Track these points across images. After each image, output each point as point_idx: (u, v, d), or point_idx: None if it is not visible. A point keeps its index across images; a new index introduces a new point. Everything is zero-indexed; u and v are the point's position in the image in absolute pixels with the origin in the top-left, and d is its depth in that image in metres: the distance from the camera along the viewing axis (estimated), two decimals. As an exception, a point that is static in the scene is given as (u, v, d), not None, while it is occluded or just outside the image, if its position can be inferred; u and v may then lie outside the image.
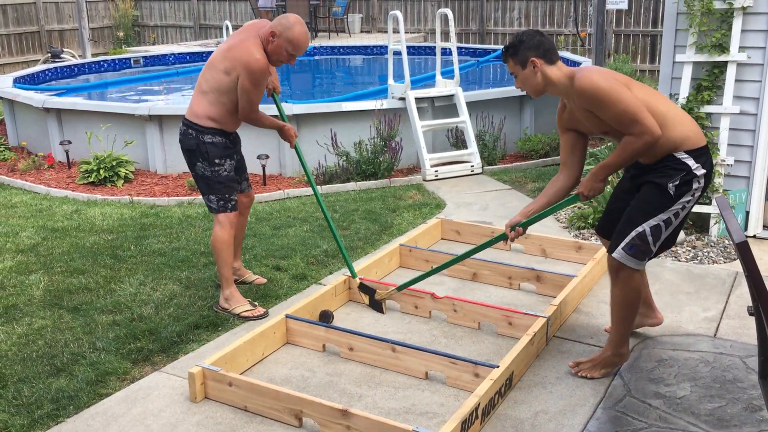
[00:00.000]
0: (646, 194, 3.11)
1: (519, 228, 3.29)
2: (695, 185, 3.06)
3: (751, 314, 2.46)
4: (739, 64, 4.81)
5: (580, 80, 2.99)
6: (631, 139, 2.96)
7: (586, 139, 3.31)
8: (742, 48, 4.79)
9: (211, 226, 5.34)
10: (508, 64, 3.17)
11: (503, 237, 3.40)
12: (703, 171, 3.05)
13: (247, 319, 3.87)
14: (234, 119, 3.84)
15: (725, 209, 2.41)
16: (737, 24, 4.75)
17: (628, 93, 2.96)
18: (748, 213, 4.97)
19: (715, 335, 3.69)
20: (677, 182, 3.03)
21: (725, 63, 4.84)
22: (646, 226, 3.06)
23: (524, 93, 7.55)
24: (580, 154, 3.29)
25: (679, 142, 3.04)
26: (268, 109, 4.49)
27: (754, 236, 5.00)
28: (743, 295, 4.11)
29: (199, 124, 3.77)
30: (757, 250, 4.79)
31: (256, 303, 4.00)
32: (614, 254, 3.12)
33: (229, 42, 3.80)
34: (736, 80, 4.83)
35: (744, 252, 2.10)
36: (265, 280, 4.36)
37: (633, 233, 3.07)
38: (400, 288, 3.89)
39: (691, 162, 3.04)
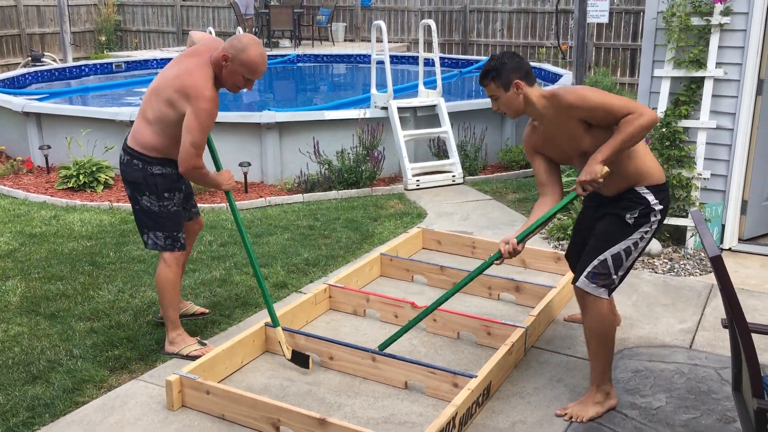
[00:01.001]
0: (607, 225, 3.15)
1: (513, 240, 3.18)
2: (653, 218, 3.11)
3: (725, 327, 2.51)
4: (716, 80, 4.90)
5: (566, 94, 3.01)
6: (632, 117, 2.90)
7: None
8: (719, 64, 4.87)
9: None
10: (488, 87, 3.12)
11: (497, 256, 3.25)
12: (660, 207, 3.11)
13: (193, 358, 3.50)
14: (178, 144, 3.37)
15: (700, 223, 2.45)
16: (714, 40, 4.83)
17: (611, 94, 3.04)
18: (723, 226, 5.05)
19: (690, 347, 3.74)
20: (636, 214, 3.09)
21: (702, 78, 4.92)
22: (607, 254, 3.08)
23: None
24: (557, 172, 3.30)
25: (645, 175, 3.10)
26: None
27: (730, 249, 5.08)
28: (718, 307, 4.16)
29: (145, 155, 3.39)
30: (732, 263, 4.86)
31: (205, 342, 3.67)
32: (578, 283, 3.12)
33: (177, 66, 3.39)
34: (713, 95, 4.91)
35: (717, 266, 2.14)
36: (208, 311, 4.01)
37: (595, 261, 3.09)
38: (383, 346, 3.48)
39: (650, 197, 3.10)
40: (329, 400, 3.24)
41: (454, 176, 6.89)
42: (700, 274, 4.67)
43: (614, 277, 3.09)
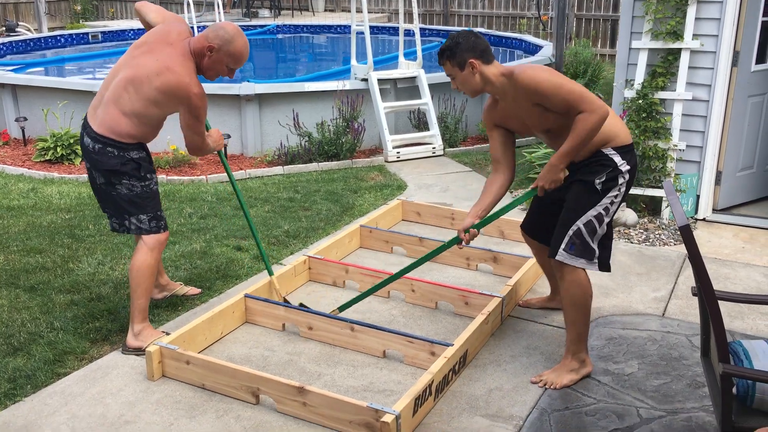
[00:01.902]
0: (575, 193, 3.16)
1: (473, 230, 3.26)
2: (621, 180, 3.13)
3: (694, 295, 2.58)
4: (693, 52, 4.94)
5: (521, 77, 3.01)
6: (584, 116, 2.94)
7: (514, 135, 3.35)
8: (695, 36, 4.91)
9: (171, 206, 5.31)
10: (445, 67, 3.15)
11: (456, 240, 3.34)
12: (627, 167, 3.13)
13: None
14: (156, 132, 3.42)
15: (671, 193, 2.50)
16: (691, 12, 4.86)
17: (567, 78, 3.04)
18: (698, 197, 5.13)
19: (663, 314, 3.83)
20: (603, 178, 3.10)
21: (679, 50, 4.96)
22: (579, 224, 3.11)
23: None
24: (512, 149, 3.33)
25: (611, 137, 3.12)
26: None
27: (704, 219, 5.17)
28: (691, 276, 4.24)
29: (121, 142, 3.27)
30: (706, 233, 4.95)
31: (169, 333, 3.45)
32: (557, 257, 3.14)
33: (153, 56, 3.24)
34: (690, 67, 4.95)
35: (686, 235, 2.20)
36: (198, 291, 3.97)
37: (570, 232, 3.12)
38: (342, 308, 3.66)
39: (617, 158, 3.11)
40: (309, 370, 3.29)
41: (434, 148, 6.92)
42: (675, 244, 4.75)
43: (592, 245, 3.12)
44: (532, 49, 9.83)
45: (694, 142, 5.06)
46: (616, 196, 3.14)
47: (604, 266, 3.20)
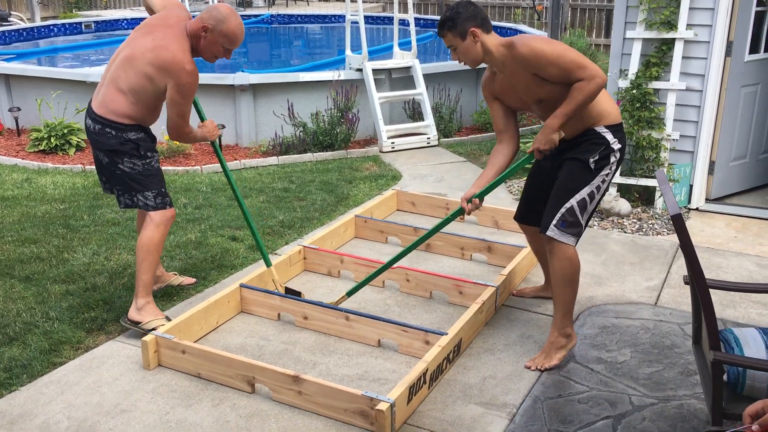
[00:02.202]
0: (569, 171, 3.20)
1: (475, 199, 3.27)
2: (612, 159, 3.19)
3: (686, 283, 2.60)
4: (687, 42, 4.95)
5: (521, 47, 3.03)
6: (582, 84, 2.96)
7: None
8: (689, 26, 4.92)
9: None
10: (445, 38, 3.14)
11: (460, 212, 3.35)
12: (619, 146, 3.19)
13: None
14: (154, 115, 3.47)
15: (663, 183, 2.52)
16: (685, 2, 4.86)
17: (566, 46, 3.05)
18: (692, 186, 5.15)
19: (656, 303, 3.86)
20: (596, 157, 3.15)
21: (673, 40, 4.97)
22: (573, 201, 3.16)
23: (483, 67, 7.65)
24: (514, 119, 3.35)
25: (604, 115, 3.16)
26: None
27: (697, 209, 5.19)
28: (684, 265, 4.27)
29: (119, 122, 3.34)
30: (699, 222, 4.98)
31: (171, 319, 3.49)
32: (548, 232, 3.19)
33: (150, 36, 3.32)
34: (683, 57, 4.97)
35: (678, 224, 2.21)
36: (193, 280, 3.98)
37: (562, 209, 3.16)
38: (350, 293, 3.69)
39: (609, 136, 3.16)
40: (304, 359, 3.31)
41: (428, 138, 6.92)
42: (668, 234, 4.78)
43: (582, 222, 3.20)
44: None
45: (687, 132, 5.08)
46: (607, 175, 3.20)
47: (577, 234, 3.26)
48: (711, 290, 2.32)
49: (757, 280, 4.14)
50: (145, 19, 3.49)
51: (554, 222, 3.18)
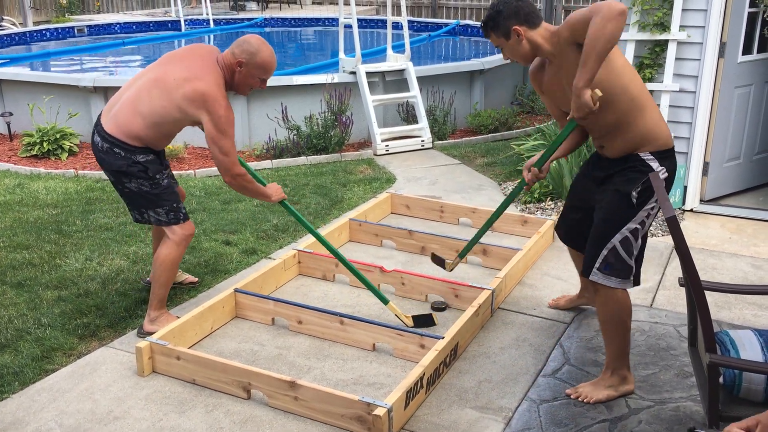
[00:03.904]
0: (609, 206, 2.94)
1: (534, 168, 3.12)
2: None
3: (681, 285, 2.59)
4: (680, 43, 4.95)
5: (560, 28, 2.87)
6: (594, 18, 2.63)
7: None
8: (682, 27, 4.93)
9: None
10: (490, 39, 2.99)
11: (523, 184, 3.22)
12: (665, 175, 2.90)
13: None
14: (166, 141, 3.43)
15: (657, 185, 2.51)
16: (678, 3, 4.87)
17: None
18: (686, 188, 5.15)
19: (651, 305, 3.85)
20: (639, 189, 2.87)
21: (666, 41, 4.98)
22: (615, 242, 2.89)
23: (476, 69, 7.67)
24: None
25: (650, 139, 2.89)
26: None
27: (692, 210, 5.19)
28: (679, 266, 4.27)
29: (128, 144, 3.29)
30: (694, 223, 4.98)
31: None
32: (591, 277, 2.95)
33: (183, 64, 3.31)
34: (677, 58, 4.97)
35: (673, 226, 2.21)
36: (196, 279, 4.01)
37: (604, 251, 2.91)
38: (461, 254, 3.75)
39: (654, 164, 2.89)
40: (299, 364, 3.29)
41: (423, 141, 6.91)
42: (663, 235, 4.77)
43: (629, 263, 2.92)
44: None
45: (681, 133, 5.09)
46: (652, 208, 2.90)
47: (637, 281, 3.02)
48: (706, 292, 2.31)
49: (752, 281, 4.14)
50: (139, 22, 3.50)
51: (597, 266, 2.92)
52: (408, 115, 7.23)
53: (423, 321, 3.60)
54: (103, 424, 2.85)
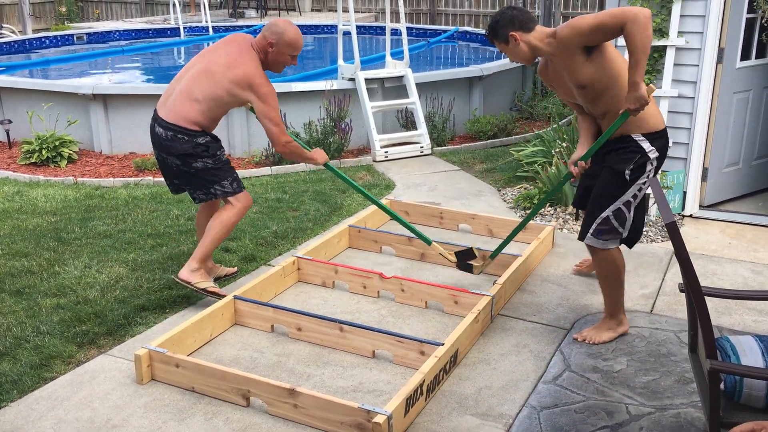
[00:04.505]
0: (605, 181, 3.37)
1: (581, 162, 3.45)
2: (648, 167, 3.32)
3: (681, 291, 2.58)
4: (678, 49, 4.96)
5: (561, 31, 3.20)
6: (629, 27, 3.01)
7: None
8: (680, 33, 4.93)
9: (158, 208, 5.30)
10: (494, 44, 3.43)
11: (570, 176, 3.57)
12: (656, 154, 3.31)
13: (208, 293, 3.77)
14: (215, 125, 3.82)
15: (657, 190, 2.51)
16: (676, 9, 4.88)
17: (596, 13, 3.19)
18: (685, 193, 5.15)
19: (651, 311, 3.84)
20: (632, 167, 3.29)
21: (664, 47, 4.98)
22: (608, 212, 3.34)
23: (475, 75, 7.67)
24: None
25: (642, 121, 3.28)
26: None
27: (691, 215, 5.19)
28: (679, 272, 4.26)
29: (189, 129, 3.68)
30: (693, 229, 4.98)
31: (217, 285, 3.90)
32: (585, 240, 3.43)
33: (223, 51, 3.71)
34: (675, 64, 4.98)
35: (672, 232, 2.20)
36: (235, 269, 4.24)
37: (598, 219, 3.37)
38: (492, 255, 4.03)
39: (646, 145, 3.29)
40: (298, 371, 3.28)
41: (422, 147, 6.91)
42: (662, 241, 4.77)
43: (621, 231, 3.38)
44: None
45: (680, 138, 5.09)
46: (644, 183, 3.34)
47: (630, 244, 3.52)
48: (707, 298, 2.31)
49: (752, 286, 4.13)
50: (138, 29, 3.65)
51: (590, 231, 3.40)
52: (407, 121, 7.23)
53: (465, 256, 3.97)
54: (102, 432, 2.84)
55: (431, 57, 11.15)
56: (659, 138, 3.33)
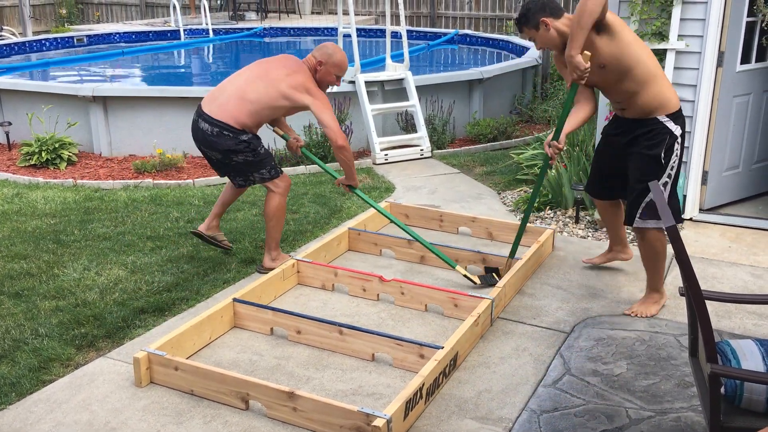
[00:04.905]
0: (643, 167, 3.61)
1: (554, 142, 3.64)
2: (676, 147, 3.60)
3: (682, 294, 2.58)
4: (678, 52, 4.96)
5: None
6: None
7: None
8: (681, 36, 4.93)
9: (158, 210, 5.29)
10: (523, 32, 3.66)
11: (547, 159, 3.77)
12: (680, 131, 3.60)
13: None
14: (259, 126, 4.11)
15: (657, 194, 2.50)
16: (676, 13, 4.88)
17: None
18: (685, 197, 5.14)
19: (651, 314, 3.83)
20: (664, 150, 3.57)
21: (665, 51, 4.98)
22: (650, 196, 3.59)
23: (475, 78, 7.67)
24: (589, 89, 3.73)
25: (664, 104, 3.55)
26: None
27: (691, 219, 5.19)
28: (679, 275, 4.26)
29: (235, 127, 3.97)
30: (693, 232, 4.97)
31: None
32: (635, 224, 3.68)
33: (280, 64, 4.10)
34: (675, 68, 4.97)
35: (673, 235, 2.20)
36: (230, 245, 4.56)
37: (642, 204, 3.63)
38: (512, 256, 4.19)
39: (671, 125, 3.57)
40: (298, 374, 3.27)
41: (422, 150, 6.91)
42: (662, 244, 4.76)
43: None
44: (519, 51, 9.86)
45: (680, 142, 5.08)
46: (675, 161, 3.63)
47: (678, 217, 3.81)
48: (707, 301, 2.30)
49: (752, 290, 4.13)
50: (138, 32, 3.73)
51: (638, 215, 3.65)
52: (407, 124, 7.23)
53: (489, 279, 4.11)
54: (101, 435, 2.83)
55: (431, 60, 11.15)
56: (679, 117, 3.60)
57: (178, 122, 6.68)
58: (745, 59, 5.03)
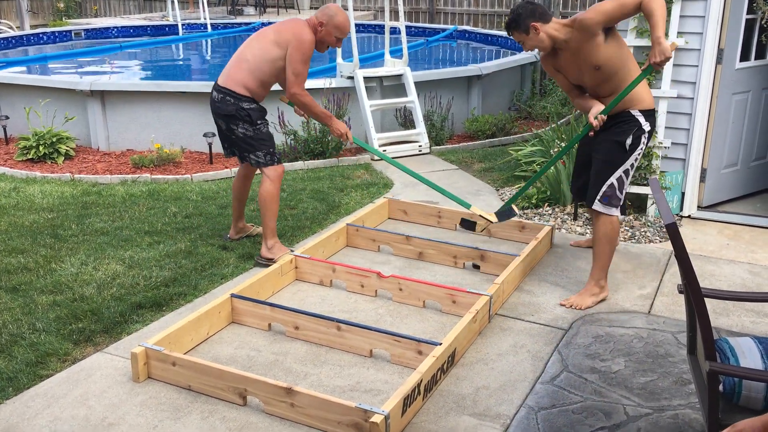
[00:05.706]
0: (608, 152, 3.78)
1: (601, 116, 3.71)
2: (643, 139, 3.76)
3: (680, 292, 2.58)
4: (678, 49, 4.95)
5: (586, 16, 3.58)
6: (646, 2, 3.49)
7: None
8: (680, 33, 4.92)
9: (155, 205, 5.28)
10: (513, 36, 3.77)
11: (589, 128, 3.83)
12: (649, 128, 3.76)
13: None
14: (264, 91, 4.20)
15: (657, 191, 2.50)
16: (676, 10, 4.87)
17: None
18: (684, 194, 5.15)
19: (649, 312, 3.84)
20: (630, 138, 3.71)
21: (664, 48, 4.97)
22: (612, 179, 3.76)
23: (474, 74, 7.66)
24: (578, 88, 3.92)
25: (639, 100, 3.73)
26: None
27: (689, 216, 5.19)
28: (677, 273, 4.26)
29: (235, 92, 4.08)
30: (692, 230, 4.98)
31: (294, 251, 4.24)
32: (594, 206, 3.81)
33: (277, 25, 4.21)
34: (674, 65, 4.97)
35: (672, 232, 2.19)
36: (260, 229, 4.64)
37: (604, 187, 3.77)
38: (508, 208, 4.40)
39: (641, 119, 3.74)
40: (296, 370, 3.27)
41: (420, 146, 6.90)
42: (660, 241, 4.77)
43: (620, 196, 3.80)
44: (518, 47, 9.84)
45: (679, 139, 5.08)
46: (639, 153, 3.78)
47: (623, 211, 3.99)
48: (705, 299, 2.30)
49: (749, 287, 4.13)
50: (136, 26, 3.75)
51: (598, 197, 3.79)
52: (405, 120, 7.22)
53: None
54: (98, 430, 2.83)
55: (430, 56, 11.13)
56: (651, 116, 3.77)
57: (175, 117, 6.67)
58: (744, 56, 5.03)
